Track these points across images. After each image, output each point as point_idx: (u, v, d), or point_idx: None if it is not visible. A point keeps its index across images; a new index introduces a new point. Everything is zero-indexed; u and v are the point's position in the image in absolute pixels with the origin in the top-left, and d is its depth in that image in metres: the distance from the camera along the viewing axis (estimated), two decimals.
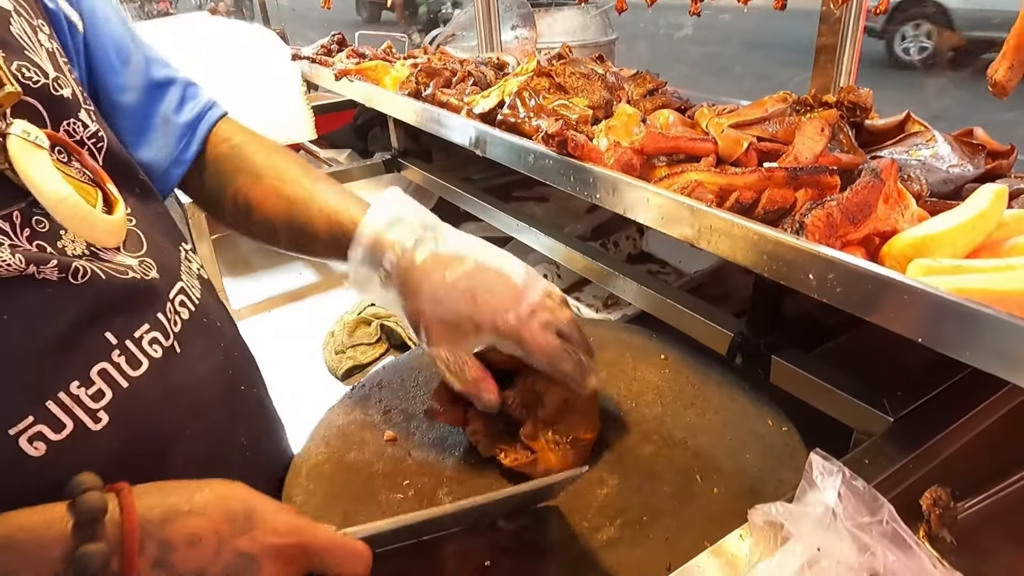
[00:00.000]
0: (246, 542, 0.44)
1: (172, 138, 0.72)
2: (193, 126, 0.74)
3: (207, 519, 0.44)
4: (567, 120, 0.94)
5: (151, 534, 0.42)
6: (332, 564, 0.49)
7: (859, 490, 0.45)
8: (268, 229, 0.75)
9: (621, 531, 0.65)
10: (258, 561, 0.44)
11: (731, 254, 0.66)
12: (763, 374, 0.79)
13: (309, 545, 0.48)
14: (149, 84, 0.70)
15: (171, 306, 0.60)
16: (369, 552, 0.51)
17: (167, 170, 0.72)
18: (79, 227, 0.52)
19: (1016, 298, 0.52)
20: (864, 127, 1.01)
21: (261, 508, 0.47)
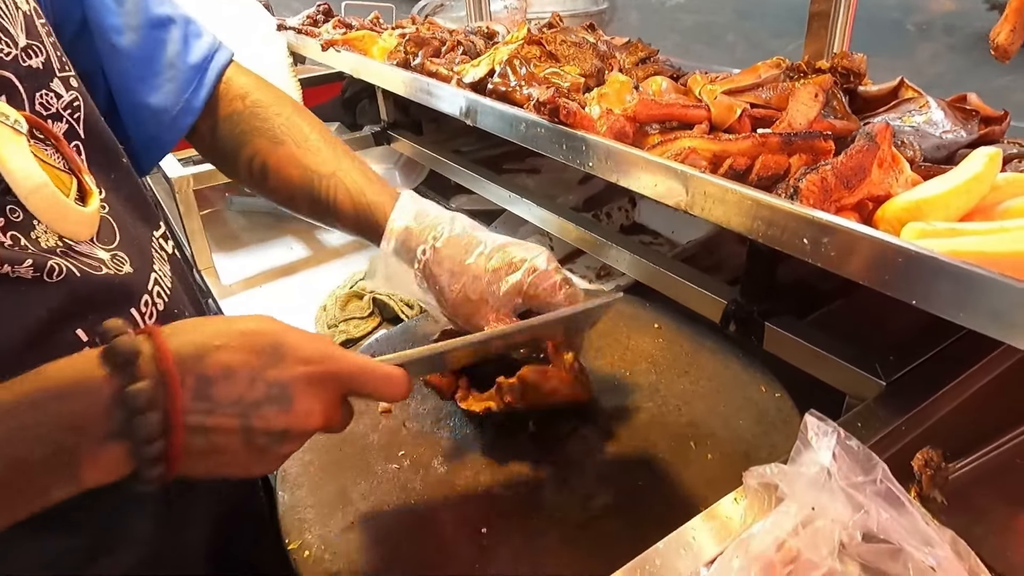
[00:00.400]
0: (276, 372, 0.45)
1: (179, 82, 0.69)
2: (201, 69, 0.70)
3: (238, 352, 0.45)
4: (559, 88, 0.92)
5: (188, 369, 0.42)
6: (366, 388, 0.51)
7: (853, 450, 0.46)
8: (287, 196, 0.74)
9: (616, 497, 0.66)
10: (290, 389, 0.46)
11: (725, 220, 0.66)
12: (756, 341, 0.79)
13: (340, 371, 0.49)
14: (149, 22, 0.67)
15: (147, 298, 0.57)
16: (405, 374, 0.52)
17: (176, 117, 0.69)
18: (52, 218, 0.49)
19: (1010, 259, 0.52)
20: (857, 93, 1.00)
21: (289, 339, 0.47)
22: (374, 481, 0.69)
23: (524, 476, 0.69)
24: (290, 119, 0.75)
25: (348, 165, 0.74)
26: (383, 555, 0.61)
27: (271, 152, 0.73)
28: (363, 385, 0.51)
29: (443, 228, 0.70)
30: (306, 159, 0.74)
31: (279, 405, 0.46)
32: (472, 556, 0.61)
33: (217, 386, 0.43)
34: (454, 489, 0.68)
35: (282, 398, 0.46)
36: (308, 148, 0.74)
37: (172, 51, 0.68)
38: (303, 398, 0.47)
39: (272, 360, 0.46)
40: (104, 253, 0.54)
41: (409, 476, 0.70)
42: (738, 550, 0.45)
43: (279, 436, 0.46)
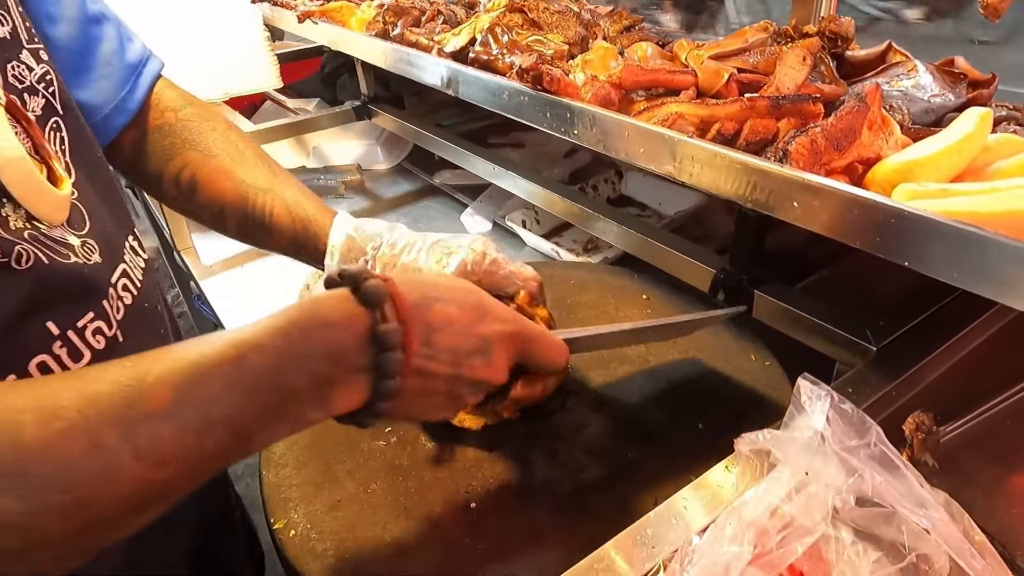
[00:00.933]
0: (483, 327, 0.50)
1: (114, 81, 0.65)
2: (136, 71, 0.67)
3: (454, 306, 0.49)
4: (542, 55, 0.90)
5: (417, 317, 0.46)
6: (540, 352, 0.56)
7: (847, 413, 0.45)
8: (216, 211, 0.71)
9: (607, 469, 0.65)
10: (491, 342, 0.51)
11: (714, 186, 0.64)
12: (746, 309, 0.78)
13: (525, 333, 0.54)
14: (85, 16, 0.63)
15: (114, 291, 0.55)
16: (567, 347, 0.58)
17: (108, 116, 0.65)
18: (26, 195, 0.47)
19: (1003, 219, 0.51)
20: (845, 58, 0.98)
21: (488, 300, 0.53)
22: (360, 458, 0.68)
23: (513, 450, 0.68)
24: (224, 135, 0.73)
25: (285, 181, 0.72)
26: (370, 533, 0.60)
27: (203, 165, 0.70)
28: (539, 348, 0.56)
29: (382, 237, 0.70)
30: (241, 173, 0.71)
31: (483, 357, 0.50)
32: (461, 531, 0.60)
33: (439, 334, 0.48)
34: (442, 465, 0.67)
35: (485, 351, 0.50)
36: (243, 163, 0.72)
37: (108, 48, 0.65)
38: (499, 352, 0.52)
39: (479, 316, 0.50)
40: (75, 239, 0.51)
41: (396, 453, 0.69)
42: (730, 517, 0.44)
43: (475, 386, 0.51)
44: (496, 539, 0.59)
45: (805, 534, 0.44)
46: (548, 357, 0.57)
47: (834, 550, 0.44)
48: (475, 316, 0.50)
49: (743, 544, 0.43)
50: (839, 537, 0.45)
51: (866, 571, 0.43)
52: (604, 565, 0.48)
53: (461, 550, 0.58)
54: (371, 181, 1.57)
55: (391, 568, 0.57)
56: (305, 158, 1.67)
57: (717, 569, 0.41)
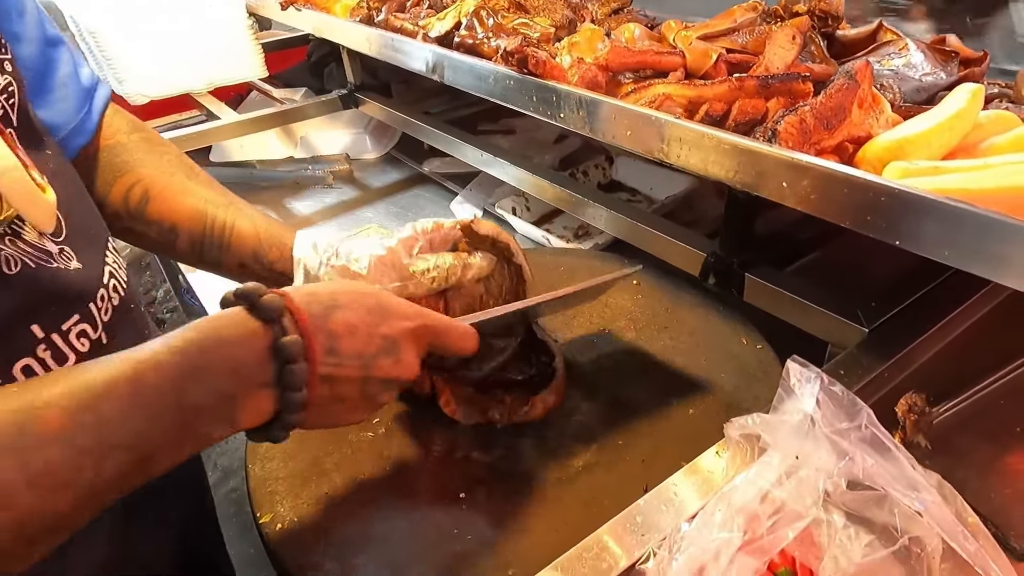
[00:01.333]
0: (386, 328, 0.51)
1: (72, 102, 0.64)
2: (91, 94, 0.66)
3: (355, 312, 0.50)
4: (527, 38, 0.89)
5: (319, 327, 0.47)
6: (448, 341, 0.56)
7: (837, 395, 0.44)
8: (167, 227, 0.69)
9: (597, 456, 0.65)
10: (398, 342, 0.51)
11: (702, 167, 0.63)
12: (736, 293, 0.78)
13: (431, 325, 0.55)
14: (45, 38, 0.62)
15: (105, 292, 0.54)
16: (475, 332, 0.58)
17: (66, 138, 0.64)
18: (22, 203, 0.47)
19: (995, 196, 0.50)
20: (835, 38, 0.97)
21: (389, 300, 0.53)
22: (348, 450, 0.67)
23: (502, 439, 0.67)
24: (179, 158, 0.72)
25: (243, 202, 0.72)
26: (358, 525, 0.59)
27: (157, 181, 0.68)
28: (447, 339, 0.56)
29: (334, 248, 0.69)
30: (199, 190, 0.70)
31: (391, 356, 0.51)
32: (450, 522, 0.59)
33: (342, 341, 0.48)
34: (431, 456, 0.66)
35: (392, 350, 0.51)
36: (199, 182, 0.71)
37: (64, 71, 0.64)
38: (407, 349, 0.52)
39: (381, 318, 0.51)
40: (53, 246, 0.51)
41: (384, 444, 0.68)
42: (720, 503, 0.43)
43: (387, 385, 0.52)
44: (486, 528, 0.58)
45: (796, 519, 0.43)
46: (456, 344, 0.57)
47: (826, 534, 0.44)
48: (377, 318, 0.51)
49: (733, 530, 0.42)
50: (831, 521, 0.44)
51: (858, 555, 0.43)
52: (594, 553, 0.47)
53: (451, 540, 0.57)
54: (360, 171, 1.55)
55: (380, 560, 0.56)
56: (293, 148, 1.66)
57: (707, 555, 0.41)
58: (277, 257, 0.70)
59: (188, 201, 0.69)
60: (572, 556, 0.47)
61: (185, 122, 1.71)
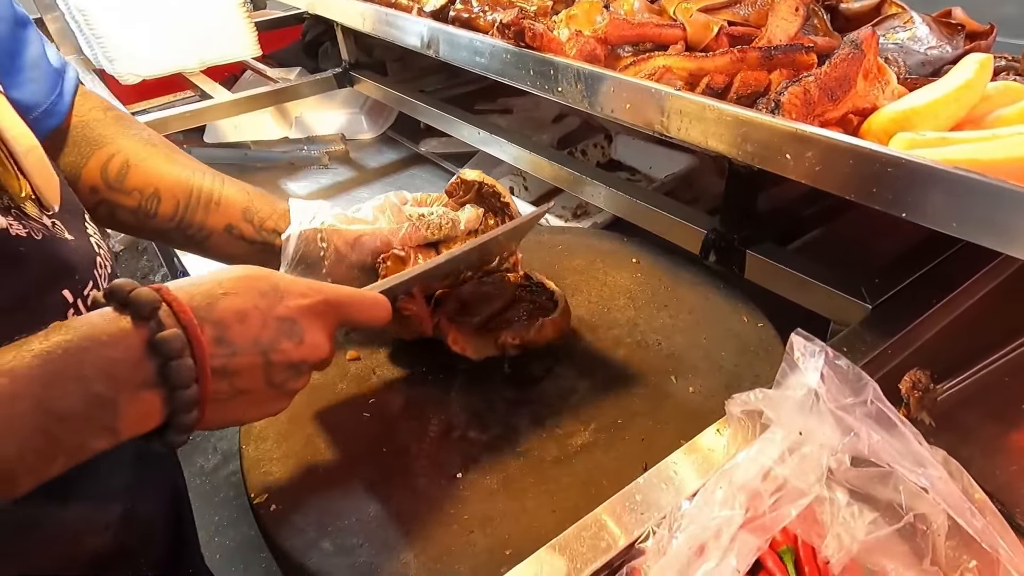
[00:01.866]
0: (283, 309, 0.47)
1: (44, 83, 0.63)
2: (61, 75, 0.64)
3: (244, 297, 0.46)
4: (524, 11, 0.87)
5: (203, 318, 0.43)
6: (356, 313, 0.53)
7: (842, 370, 0.43)
8: (148, 194, 0.67)
9: (595, 435, 0.64)
10: (298, 322, 0.48)
11: (703, 140, 0.62)
12: (738, 270, 0.76)
13: (333, 299, 0.51)
14: (14, 18, 0.60)
15: (100, 260, 0.54)
16: (386, 300, 0.55)
17: (39, 119, 0.62)
18: (41, 180, 0.48)
19: (1005, 166, 0.48)
20: (839, 11, 0.95)
21: (282, 280, 0.49)
22: (343, 430, 0.66)
23: (499, 419, 0.66)
24: (158, 135, 0.71)
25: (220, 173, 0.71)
26: (353, 505, 0.58)
27: (138, 152, 0.67)
28: (353, 311, 0.53)
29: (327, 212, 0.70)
30: (184, 160, 0.69)
31: (292, 338, 0.47)
32: (447, 502, 0.58)
33: (233, 329, 0.45)
34: (427, 435, 0.65)
35: (293, 332, 0.48)
36: (183, 156, 0.70)
37: (34, 51, 0.62)
38: (310, 329, 0.49)
39: (275, 299, 0.47)
40: (48, 221, 0.51)
41: (379, 424, 0.67)
42: (721, 480, 0.43)
43: (295, 370, 0.49)
44: (483, 508, 0.57)
45: (799, 496, 0.42)
46: (367, 315, 0.54)
47: (829, 512, 0.43)
48: (271, 300, 0.47)
49: (734, 508, 0.41)
50: (834, 499, 0.43)
51: (862, 532, 0.42)
52: (593, 532, 0.46)
53: (447, 520, 0.57)
54: (355, 151, 1.53)
55: (375, 540, 0.55)
56: (288, 129, 1.63)
57: (707, 534, 0.40)
58: (268, 214, 0.69)
59: (172, 169, 0.68)
60: (570, 535, 0.46)
61: (178, 102, 1.68)
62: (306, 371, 0.50)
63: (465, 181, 0.74)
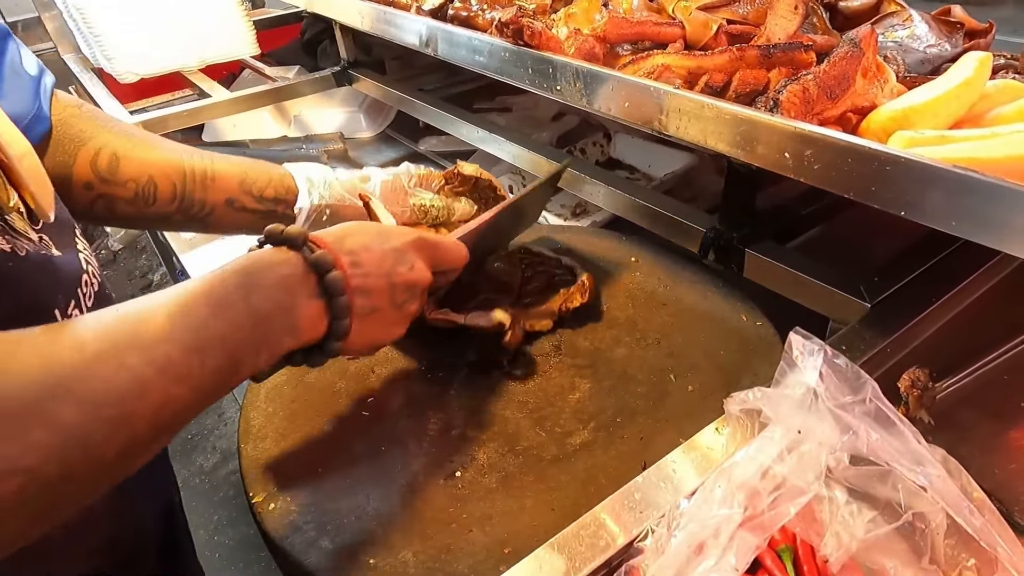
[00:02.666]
0: (393, 243, 0.56)
1: (26, 91, 0.62)
2: (39, 81, 0.64)
3: (363, 236, 0.54)
4: (523, 9, 0.87)
5: (338, 249, 0.51)
6: (445, 255, 0.61)
7: (841, 368, 0.43)
8: (143, 184, 0.67)
9: (595, 434, 0.64)
10: (406, 252, 0.56)
11: (702, 139, 0.62)
12: (736, 269, 0.76)
13: (427, 238, 0.59)
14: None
15: (88, 277, 0.54)
16: (464, 246, 0.63)
17: (28, 127, 0.61)
18: (37, 188, 0.49)
19: (1004, 165, 0.48)
20: (838, 9, 0.95)
21: (385, 226, 0.59)
22: (342, 430, 0.66)
23: (498, 417, 0.66)
24: (135, 126, 0.73)
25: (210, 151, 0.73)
26: (352, 504, 0.58)
27: (123, 142, 0.67)
28: (442, 251, 0.60)
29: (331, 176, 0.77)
30: (170, 144, 0.70)
31: (405, 264, 0.56)
32: (446, 501, 0.58)
33: (362, 256, 0.53)
34: (426, 434, 0.65)
35: (404, 260, 0.56)
36: (165, 141, 0.70)
37: (13, 60, 0.62)
38: (416, 258, 0.57)
39: (385, 238, 0.56)
40: (34, 235, 0.50)
41: (378, 423, 0.67)
42: (720, 479, 0.43)
43: (411, 291, 0.56)
44: (482, 507, 0.57)
45: (798, 495, 0.42)
46: (451, 255, 0.62)
47: (828, 510, 0.43)
48: (382, 239, 0.55)
49: (733, 506, 0.41)
50: (833, 497, 0.43)
51: (861, 531, 0.42)
52: (592, 530, 0.46)
53: (446, 519, 0.57)
54: (354, 150, 1.53)
55: (374, 538, 0.55)
56: (286, 127, 1.63)
57: (706, 532, 0.40)
58: (266, 182, 0.73)
59: (161, 154, 0.69)
60: (569, 534, 0.46)
61: (176, 101, 1.68)
62: (419, 294, 0.58)
63: (462, 174, 0.80)
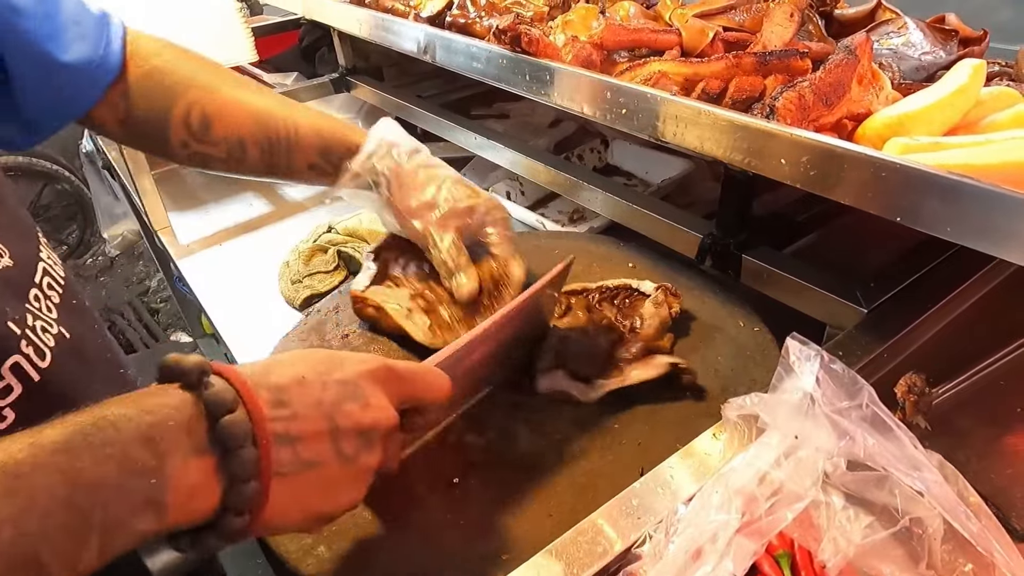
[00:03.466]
0: (341, 374, 0.44)
1: (90, 39, 0.63)
2: (104, 25, 0.64)
3: (301, 365, 0.43)
4: (520, 16, 0.87)
5: (258, 383, 0.39)
6: (419, 388, 0.49)
7: (838, 374, 0.43)
8: (235, 143, 0.70)
9: (592, 440, 0.64)
10: (360, 385, 0.44)
11: (698, 145, 0.62)
12: (733, 275, 0.77)
13: (396, 368, 0.47)
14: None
15: (39, 292, 0.52)
16: (447, 377, 0.51)
17: (94, 74, 0.63)
18: None
19: (998, 171, 0.49)
20: (834, 17, 0.96)
21: (340, 352, 0.47)
22: None
23: (496, 424, 0.66)
24: (216, 69, 0.72)
25: (294, 102, 0.74)
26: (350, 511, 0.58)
27: (211, 100, 0.68)
28: (418, 385, 0.49)
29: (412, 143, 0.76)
30: (252, 99, 0.71)
31: (357, 401, 0.43)
32: (444, 506, 0.58)
33: (292, 391, 0.41)
34: (424, 441, 0.65)
35: (356, 395, 0.43)
36: (249, 90, 0.71)
37: (71, 7, 0.63)
38: (375, 393, 0.45)
39: (334, 365, 0.44)
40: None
41: None
42: (718, 484, 0.43)
43: (365, 437, 0.43)
44: (480, 514, 0.57)
45: (795, 500, 0.42)
46: (430, 392, 0.50)
47: (825, 516, 0.43)
48: (329, 367, 0.44)
49: (731, 512, 0.41)
50: (830, 502, 0.43)
51: (858, 536, 0.42)
52: (590, 537, 0.46)
53: (444, 526, 0.56)
54: None
55: (371, 546, 0.55)
56: None
57: (704, 538, 0.40)
58: (344, 151, 0.73)
59: (248, 112, 0.70)
60: (567, 540, 0.46)
61: None
62: (377, 440, 0.44)
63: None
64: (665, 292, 0.72)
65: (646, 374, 0.65)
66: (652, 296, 0.72)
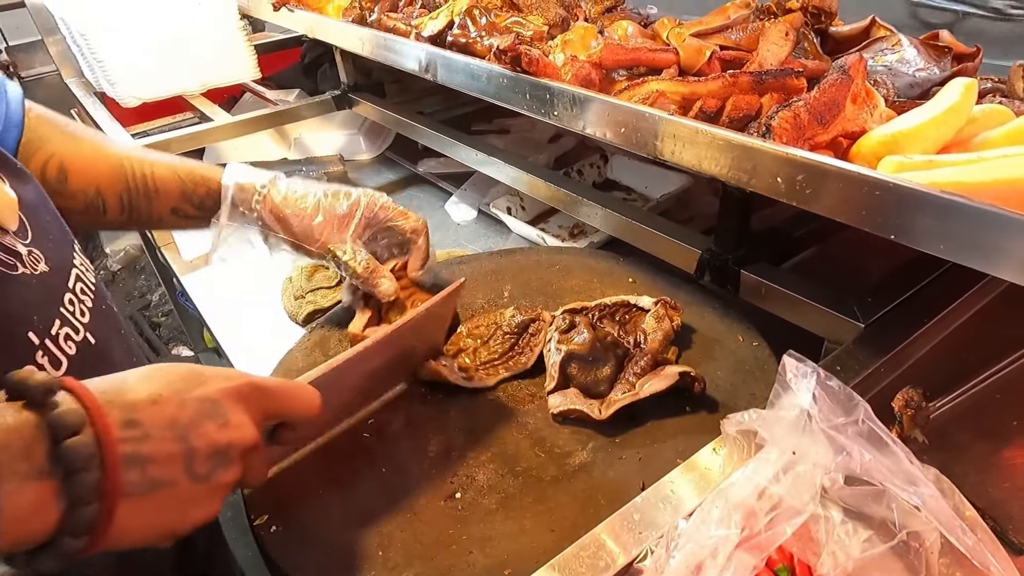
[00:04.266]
0: (201, 391, 0.43)
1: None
2: (3, 87, 0.65)
3: (159, 382, 0.41)
4: (520, 36, 0.88)
5: (110, 401, 0.38)
6: (286, 405, 0.49)
7: (834, 390, 0.44)
8: (91, 196, 0.70)
9: (593, 455, 0.64)
10: (221, 403, 0.43)
11: (696, 163, 0.63)
12: (732, 290, 0.77)
13: (261, 385, 0.47)
14: None
15: (73, 296, 0.53)
16: (317, 393, 0.50)
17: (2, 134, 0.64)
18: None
19: (990, 189, 0.50)
20: (829, 34, 0.97)
21: (203, 368, 0.45)
22: (343, 450, 0.67)
23: (498, 438, 0.67)
24: (78, 126, 0.73)
25: (154, 152, 0.75)
26: (353, 525, 0.59)
27: (71, 150, 0.69)
28: (284, 402, 0.49)
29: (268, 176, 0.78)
30: (112, 148, 0.72)
31: (215, 420, 0.42)
32: (446, 521, 0.59)
33: (145, 412, 0.39)
34: (426, 455, 0.66)
35: (216, 413, 0.43)
36: (107, 140, 0.73)
37: None
38: (235, 410, 0.44)
39: (195, 382, 0.43)
40: (23, 248, 0.50)
41: (378, 444, 0.67)
42: (718, 499, 0.43)
43: (221, 457, 0.43)
44: (482, 528, 0.58)
45: (794, 515, 0.43)
46: (297, 408, 0.50)
47: (823, 530, 0.43)
48: (189, 384, 0.42)
49: (731, 527, 0.42)
50: (828, 516, 0.44)
51: (856, 550, 0.42)
52: (591, 551, 0.47)
53: (446, 540, 0.57)
54: (354, 171, 1.54)
55: (374, 561, 0.56)
56: (287, 150, 1.65)
57: (704, 553, 0.40)
58: (205, 193, 0.75)
59: (105, 162, 0.71)
60: (569, 555, 0.46)
61: (178, 124, 1.70)
62: (235, 458, 0.44)
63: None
64: (664, 306, 0.73)
65: (658, 386, 0.65)
66: (652, 310, 0.73)
